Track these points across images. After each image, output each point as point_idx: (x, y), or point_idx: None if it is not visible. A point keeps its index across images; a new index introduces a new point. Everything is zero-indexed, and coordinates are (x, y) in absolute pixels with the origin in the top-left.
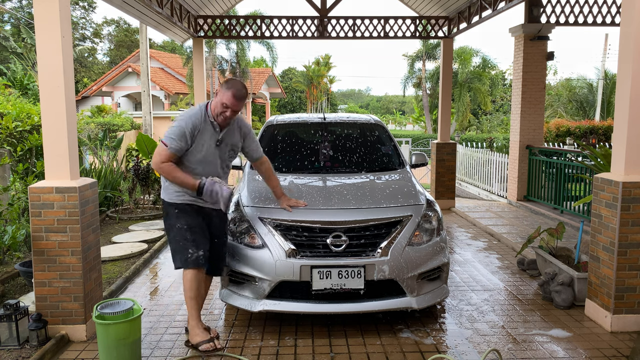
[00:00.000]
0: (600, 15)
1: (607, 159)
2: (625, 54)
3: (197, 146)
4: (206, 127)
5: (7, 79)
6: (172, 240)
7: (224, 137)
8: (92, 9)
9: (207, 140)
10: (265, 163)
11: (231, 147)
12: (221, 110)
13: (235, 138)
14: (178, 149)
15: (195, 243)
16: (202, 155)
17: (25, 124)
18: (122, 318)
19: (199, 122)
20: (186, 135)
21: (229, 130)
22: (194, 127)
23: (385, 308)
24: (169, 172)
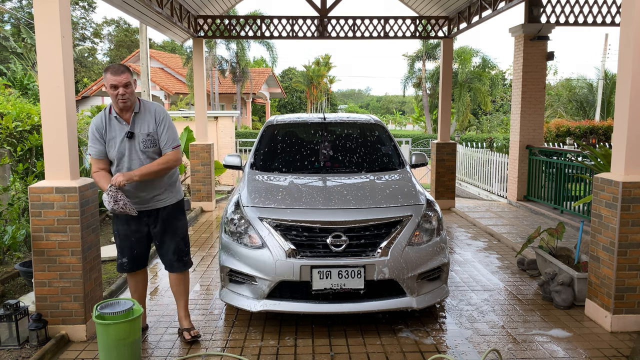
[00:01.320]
0: (600, 15)
1: (607, 159)
2: (625, 54)
3: (110, 144)
4: (111, 124)
5: (7, 79)
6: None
7: (135, 128)
8: (92, 9)
9: (117, 136)
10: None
11: (146, 135)
12: (114, 94)
13: (149, 126)
14: (96, 152)
15: (121, 250)
16: (116, 151)
17: (25, 124)
18: (122, 318)
19: (100, 122)
20: (96, 137)
21: (139, 119)
22: (97, 128)
23: (385, 308)
24: (97, 181)
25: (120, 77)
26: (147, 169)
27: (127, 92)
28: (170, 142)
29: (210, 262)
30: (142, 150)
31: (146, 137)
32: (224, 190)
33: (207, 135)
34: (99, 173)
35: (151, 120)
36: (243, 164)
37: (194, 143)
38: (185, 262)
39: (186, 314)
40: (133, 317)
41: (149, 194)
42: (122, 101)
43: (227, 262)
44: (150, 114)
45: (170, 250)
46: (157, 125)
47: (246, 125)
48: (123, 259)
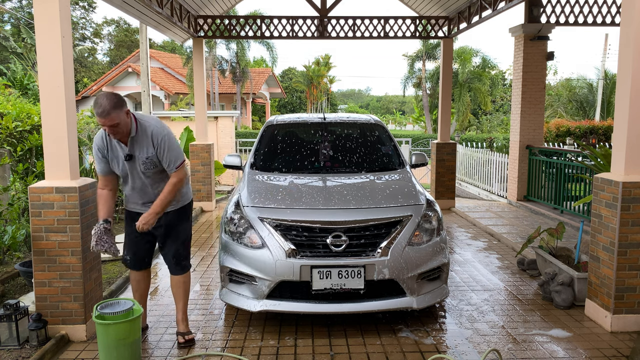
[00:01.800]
0: (600, 15)
1: (607, 159)
2: (625, 54)
3: (113, 163)
4: (112, 144)
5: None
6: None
7: (134, 151)
8: (92, 9)
9: (119, 157)
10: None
11: (145, 159)
12: (104, 129)
13: (148, 150)
14: (100, 169)
15: (127, 247)
16: (120, 172)
17: (25, 124)
18: (122, 318)
19: (101, 142)
20: (99, 157)
21: (136, 143)
22: (99, 148)
23: (385, 308)
24: (98, 198)
25: (106, 120)
26: (163, 202)
27: (116, 131)
28: (172, 163)
29: (210, 262)
30: (143, 172)
31: (145, 160)
32: (224, 190)
33: (207, 135)
34: (103, 194)
35: (149, 144)
36: (243, 164)
37: (194, 143)
38: (184, 266)
39: (183, 317)
40: (133, 317)
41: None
42: (114, 135)
43: (227, 262)
44: (147, 137)
45: (170, 254)
46: (156, 149)
47: (246, 125)
48: (126, 256)
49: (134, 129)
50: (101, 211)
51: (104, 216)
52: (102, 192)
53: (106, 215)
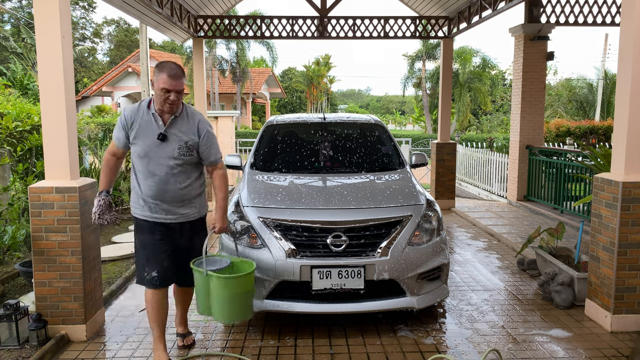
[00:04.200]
0: (600, 15)
1: (607, 159)
2: (625, 54)
3: (138, 138)
4: (145, 120)
5: (7, 79)
6: (135, 254)
7: (169, 132)
8: (92, 9)
9: (147, 134)
10: (220, 170)
11: (183, 142)
12: (163, 96)
13: (188, 133)
14: (117, 137)
15: (149, 263)
16: (142, 151)
17: (25, 124)
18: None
19: (134, 113)
20: (121, 125)
21: (178, 124)
22: (126, 117)
23: (385, 308)
24: (103, 164)
25: (177, 83)
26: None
27: (173, 101)
28: (216, 154)
29: None
30: (175, 157)
31: (183, 145)
32: None
33: None
34: (110, 162)
35: (193, 131)
36: (243, 164)
37: None
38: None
39: (183, 319)
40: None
41: (177, 206)
42: (169, 106)
43: None
44: (194, 123)
45: (185, 265)
46: (201, 138)
47: (246, 125)
48: (152, 273)
49: (179, 110)
50: (104, 181)
51: (106, 187)
52: (111, 159)
53: (108, 187)
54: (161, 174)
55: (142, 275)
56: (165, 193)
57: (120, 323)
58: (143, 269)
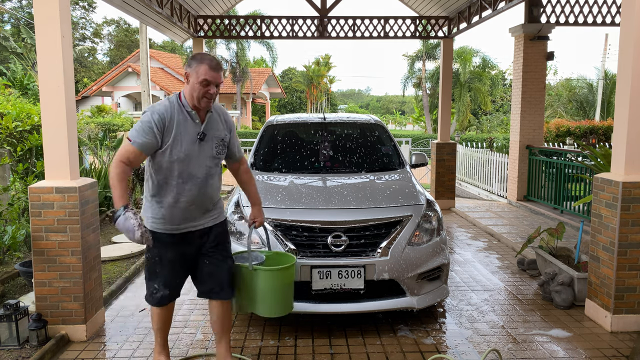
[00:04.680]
0: (600, 15)
1: (607, 159)
2: (625, 54)
3: (175, 143)
4: (181, 119)
5: (7, 79)
6: (144, 268)
7: (207, 130)
8: (92, 9)
9: (186, 135)
10: (245, 164)
11: (219, 140)
12: (202, 90)
13: (220, 130)
14: (143, 144)
15: (163, 280)
16: (183, 154)
17: (25, 124)
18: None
19: (168, 112)
20: (153, 130)
21: (212, 121)
22: (161, 118)
23: (385, 308)
24: (115, 174)
25: (218, 75)
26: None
27: (211, 95)
28: (240, 148)
29: None
30: (215, 156)
31: (220, 142)
32: (224, 190)
33: None
34: (126, 172)
35: (223, 125)
36: None
37: None
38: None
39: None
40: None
41: (202, 210)
42: (208, 100)
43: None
44: (221, 117)
45: (222, 273)
46: (229, 131)
47: (246, 125)
48: (164, 291)
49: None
50: (124, 194)
51: (127, 201)
52: (127, 169)
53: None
54: (201, 175)
55: (152, 293)
56: (203, 196)
57: (120, 323)
58: (153, 287)
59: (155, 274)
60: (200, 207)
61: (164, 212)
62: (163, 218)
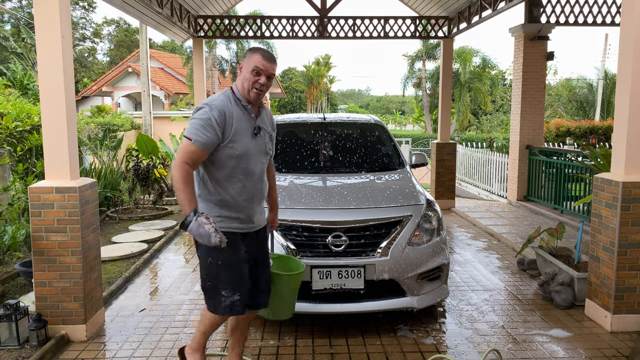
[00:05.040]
0: (600, 15)
1: (607, 159)
2: (625, 54)
3: (235, 138)
4: (240, 113)
5: (7, 79)
6: (204, 276)
7: (261, 124)
8: (92, 9)
9: (244, 129)
10: (272, 166)
11: (269, 135)
12: (253, 79)
13: (269, 125)
14: (206, 142)
15: (231, 285)
16: (242, 150)
17: (25, 124)
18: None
19: (226, 106)
20: (214, 125)
21: (262, 115)
22: (221, 112)
23: (385, 308)
24: (180, 177)
25: (271, 66)
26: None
27: (264, 89)
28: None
29: None
30: (266, 152)
31: (269, 138)
32: None
33: None
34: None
35: (269, 120)
36: None
37: None
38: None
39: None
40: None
41: (258, 208)
42: (258, 92)
43: None
44: (268, 112)
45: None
46: (273, 129)
47: None
48: (234, 296)
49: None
50: (193, 197)
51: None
52: (191, 170)
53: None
54: (258, 172)
55: (220, 301)
56: (258, 192)
57: (120, 323)
58: (220, 294)
59: (219, 280)
60: (257, 205)
61: (222, 211)
62: (223, 217)
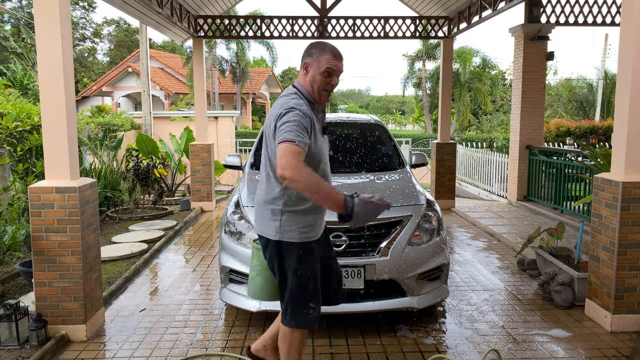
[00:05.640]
0: (600, 15)
1: (607, 159)
2: (625, 54)
3: (315, 142)
4: (314, 115)
5: (7, 79)
6: (293, 291)
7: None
8: (92, 9)
9: (318, 132)
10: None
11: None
12: (324, 81)
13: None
14: (305, 143)
15: (317, 295)
16: (321, 154)
17: (25, 124)
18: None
19: (307, 108)
20: (306, 127)
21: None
22: (306, 115)
23: (385, 308)
24: (308, 174)
25: (341, 63)
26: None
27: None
28: None
29: (210, 262)
30: (328, 154)
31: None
32: (224, 190)
33: (207, 135)
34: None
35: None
36: (243, 164)
37: (193, 143)
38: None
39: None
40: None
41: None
42: (327, 94)
43: (227, 262)
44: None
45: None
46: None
47: (246, 125)
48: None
49: None
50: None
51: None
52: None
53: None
54: (329, 173)
55: (307, 314)
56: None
57: (120, 323)
58: (308, 306)
59: (307, 292)
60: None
61: (307, 220)
62: (309, 226)
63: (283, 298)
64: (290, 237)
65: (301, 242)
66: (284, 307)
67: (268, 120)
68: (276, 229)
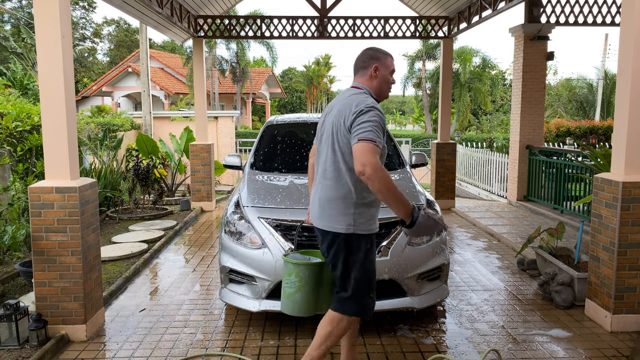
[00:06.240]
0: (600, 15)
1: (607, 159)
2: (625, 54)
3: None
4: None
5: (7, 79)
6: (359, 281)
7: None
8: (92, 9)
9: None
10: None
11: None
12: (390, 80)
13: None
14: (382, 143)
15: (374, 285)
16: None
17: (25, 124)
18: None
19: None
20: (383, 128)
21: None
22: (381, 115)
23: (385, 308)
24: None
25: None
26: None
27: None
28: None
29: (210, 262)
30: None
31: None
32: (224, 190)
33: (207, 135)
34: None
35: None
36: (243, 164)
37: (194, 143)
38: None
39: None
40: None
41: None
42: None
43: (227, 262)
44: None
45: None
46: None
47: (246, 125)
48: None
49: None
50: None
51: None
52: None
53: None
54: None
55: (367, 304)
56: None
57: (120, 323)
58: (368, 296)
59: (370, 281)
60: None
61: (372, 212)
62: (373, 218)
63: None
64: (362, 230)
65: (369, 235)
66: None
67: (338, 116)
68: (348, 222)
